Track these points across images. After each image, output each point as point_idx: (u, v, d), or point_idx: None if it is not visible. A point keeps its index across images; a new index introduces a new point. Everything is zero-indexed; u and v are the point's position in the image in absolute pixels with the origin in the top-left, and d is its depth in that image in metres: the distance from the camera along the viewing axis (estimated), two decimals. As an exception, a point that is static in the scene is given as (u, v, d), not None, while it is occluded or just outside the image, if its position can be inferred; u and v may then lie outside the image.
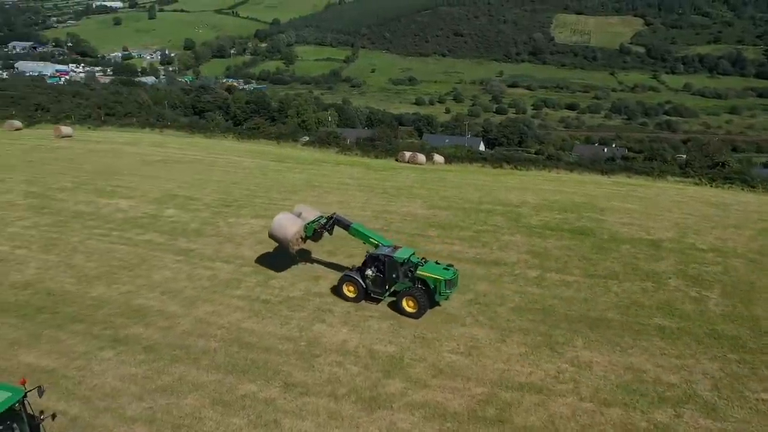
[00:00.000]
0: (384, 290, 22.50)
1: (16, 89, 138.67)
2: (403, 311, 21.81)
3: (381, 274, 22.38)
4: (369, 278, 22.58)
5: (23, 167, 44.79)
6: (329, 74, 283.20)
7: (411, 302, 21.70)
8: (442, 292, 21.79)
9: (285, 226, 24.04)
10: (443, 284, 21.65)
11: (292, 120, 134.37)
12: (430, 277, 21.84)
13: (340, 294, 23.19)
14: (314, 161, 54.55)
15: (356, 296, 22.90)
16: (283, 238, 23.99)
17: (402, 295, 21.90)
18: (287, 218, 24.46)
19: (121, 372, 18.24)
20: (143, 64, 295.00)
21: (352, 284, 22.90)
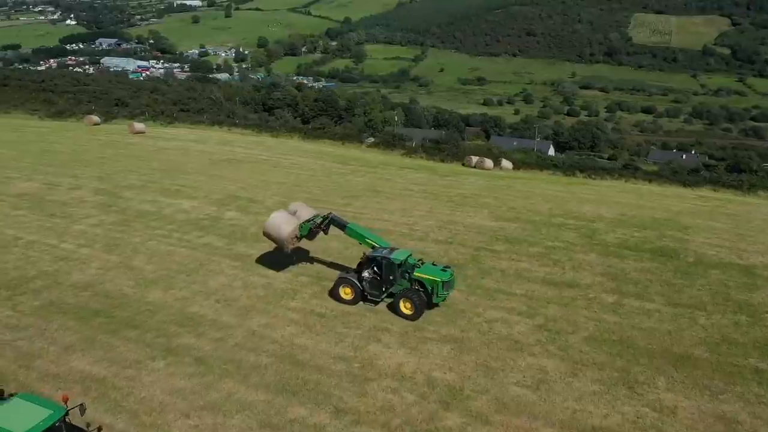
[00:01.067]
0: (381, 292, 22.24)
1: (98, 84, 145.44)
2: (400, 313, 21.66)
3: (378, 275, 22.15)
4: (366, 280, 22.30)
5: (96, 163, 45.95)
6: (397, 73, 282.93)
7: (408, 304, 21.53)
8: (440, 294, 21.81)
9: (280, 225, 23.52)
10: (441, 286, 21.66)
11: (359, 119, 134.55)
12: (427, 278, 21.77)
13: (336, 297, 22.74)
14: (378, 164, 53.54)
15: (353, 299, 22.53)
16: (278, 238, 23.55)
17: (399, 296, 21.73)
18: (282, 217, 23.89)
19: (170, 385, 17.66)
20: (218, 61, 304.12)
21: (349, 286, 22.53)
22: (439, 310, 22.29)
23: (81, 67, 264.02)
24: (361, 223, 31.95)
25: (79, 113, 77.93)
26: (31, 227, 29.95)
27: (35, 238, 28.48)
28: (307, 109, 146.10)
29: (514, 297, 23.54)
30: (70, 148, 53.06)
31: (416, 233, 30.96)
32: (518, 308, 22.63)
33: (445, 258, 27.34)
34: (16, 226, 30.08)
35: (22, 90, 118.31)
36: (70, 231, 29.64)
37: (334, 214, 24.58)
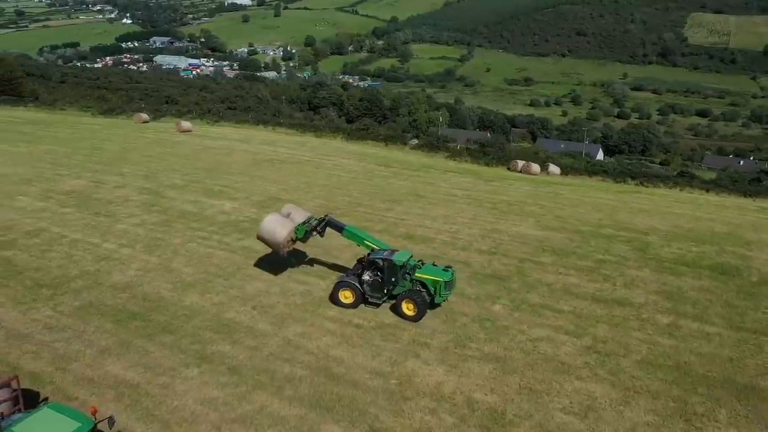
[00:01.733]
0: (383, 294, 22.00)
1: (150, 82, 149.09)
2: (402, 314, 21.51)
3: (379, 278, 21.87)
4: (367, 283, 22.01)
5: (143, 161, 46.55)
6: (443, 73, 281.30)
7: (410, 305, 21.38)
8: (442, 294, 21.70)
9: (275, 229, 22.88)
10: (443, 286, 21.54)
11: (403, 119, 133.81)
12: (429, 279, 21.64)
13: (336, 301, 22.23)
14: (421, 167, 52.67)
15: (353, 302, 22.18)
16: (274, 242, 22.92)
17: (401, 298, 21.53)
18: (277, 221, 23.23)
19: (203, 394, 17.27)
20: (266, 60, 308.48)
21: (349, 289, 22.15)
22: (481, 325, 21.36)
23: (135, 65, 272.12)
24: (401, 230, 31.46)
25: (130, 111, 79.70)
26: (77, 225, 30.27)
27: (79, 236, 28.74)
28: (352, 108, 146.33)
29: (560, 314, 22.36)
30: (118, 145, 54.03)
31: (459, 242, 29.98)
32: (565, 327, 21.45)
33: (489, 269, 26.36)
34: (62, 223, 30.45)
35: (78, 87, 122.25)
36: (113, 230, 29.82)
37: (330, 217, 24.25)
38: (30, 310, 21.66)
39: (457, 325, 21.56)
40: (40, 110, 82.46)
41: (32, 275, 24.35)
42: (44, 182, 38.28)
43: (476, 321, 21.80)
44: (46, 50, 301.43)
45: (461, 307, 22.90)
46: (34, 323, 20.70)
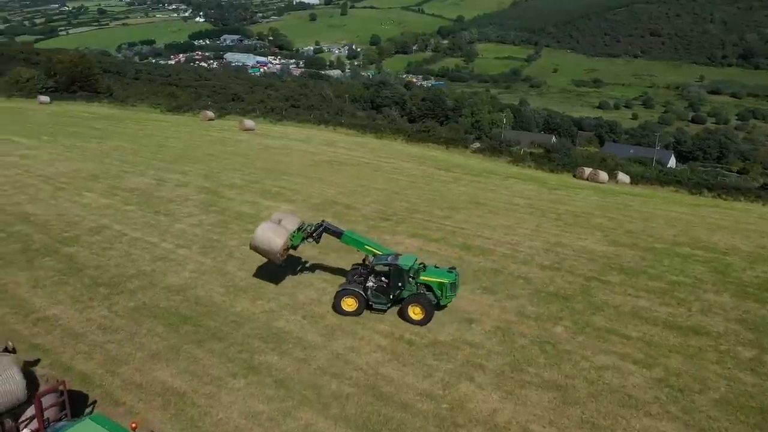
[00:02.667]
0: (389, 300, 21.50)
1: (218, 79, 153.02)
2: (409, 319, 21.14)
3: (385, 283, 21.38)
4: (371, 289, 21.48)
5: (205, 160, 47.24)
6: (508, 73, 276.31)
7: (417, 309, 21.06)
8: (448, 295, 21.55)
9: (270, 238, 21.90)
10: (449, 287, 21.42)
11: (466, 119, 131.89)
12: (435, 281, 21.44)
13: (338, 310, 21.64)
14: (482, 172, 51.22)
15: (356, 309, 21.56)
16: (270, 251, 21.93)
17: (407, 303, 21.16)
18: (271, 229, 22.26)
19: (248, 407, 16.79)
20: (331, 58, 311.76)
21: (353, 297, 21.49)
22: (541, 349, 20.06)
23: (206, 62, 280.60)
24: (459, 240, 30.33)
25: (197, 108, 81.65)
26: (137, 224, 30.71)
27: (139, 235, 29.10)
28: (415, 108, 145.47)
29: (629, 341, 20.73)
30: (183, 143, 55.20)
31: (520, 255, 28.59)
32: (633, 355, 19.84)
33: (551, 287, 24.91)
34: (124, 221, 30.97)
35: (151, 83, 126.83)
36: (172, 230, 30.07)
37: (327, 222, 23.52)
38: (86, 309, 21.86)
39: (515, 346, 20.34)
40: (113, 106, 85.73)
41: (91, 273, 24.68)
42: (110, 179, 39.29)
43: (536, 343, 20.51)
44: (124, 47, 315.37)
45: (520, 327, 21.65)
46: (89, 323, 20.83)
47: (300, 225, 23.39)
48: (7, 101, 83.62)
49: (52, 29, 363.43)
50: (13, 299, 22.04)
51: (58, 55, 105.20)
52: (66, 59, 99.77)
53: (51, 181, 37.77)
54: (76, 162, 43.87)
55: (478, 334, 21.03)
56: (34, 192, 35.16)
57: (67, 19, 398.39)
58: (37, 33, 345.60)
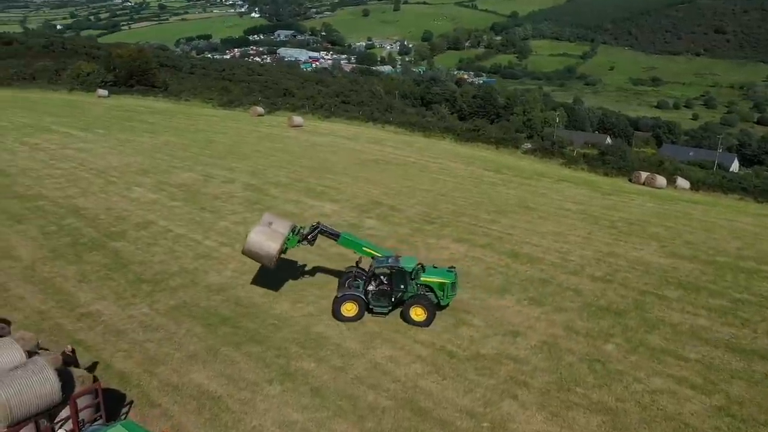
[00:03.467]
0: (390, 303, 21.15)
1: (270, 74, 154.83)
2: (411, 321, 20.88)
3: (387, 286, 21.00)
4: (372, 293, 21.04)
5: (252, 156, 47.49)
6: (563, 70, 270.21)
7: (419, 310, 20.81)
8: (449, 295, 21.51)
9: (265, 242, 20.82)
10: (450, 287, 21.36)
11: (518, 118, 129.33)
12: (436, 282, 21.31)
13: (338, 317, 21.06)
14: (533, 174, 49.71)
15: (356, 314, 21.07)
16: (266, 256, 20.83)
17: (408, 304, 20.88)
18: (265, 233, 21.21)
19: (282, 416, 16.39)
20: (383, 54, 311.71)
21: (352, 302, 20.99)
22: (590, 367, 18.99)
23: (260, 57, 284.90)
24: (506, 246, 29.30)
25: (248, 103, 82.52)
26: (182, 220, 30.92)
27: (183, 231, 29.27)
28: (465, 106, 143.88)
29: (686, 363, 19.38)
30: (231, 139, 55.72)
31: (570, 265, 27.36)
32: (691, 379, 18.50)
33: (602, 301, 23.67)
34: (169, 217, 31.24)
35: (205, 78, 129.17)
36: (216, 227, 30.13)
37: (323, 224, 22.65)
38: (129, 306, 21.97)
39: (562, 363, 19.30)
40: (168, 100, 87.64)
41: (135, 269, 24.86)
42: (159, 174, 39.85)
43: (584, 361, 19.41)
44: (182, 42, 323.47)
45: (568, 342, 20.57)
46: (131, 320, 20.90)
47: (292, 227, 22.53)
48: (68, 94, 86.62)
49: (115, 24, 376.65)
50: (60, 293, 22.36)
51: (117, 50, 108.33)
52: (125, 53, 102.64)
53: (103, 175, 38.59)
54: (127, 156, 44.78)
55: (523, 349, 20.09)
56: (86, 185, 35.94)
57: (129, 14, 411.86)
58: (101, 28, 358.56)
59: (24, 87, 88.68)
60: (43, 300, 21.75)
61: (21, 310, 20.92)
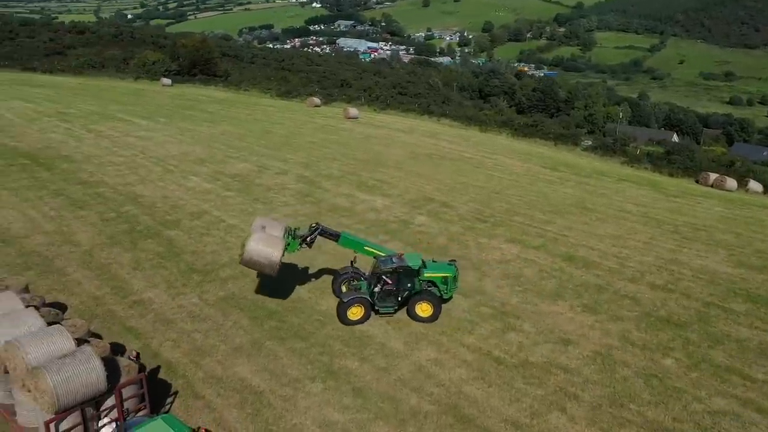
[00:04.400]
0: (396, 302, 20.84)
1: (328, 65, 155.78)
2: (418, 318, 20.76)
3: (392, 285, 20.56)
4: (378, 294, 20.56)
5: (306, 148, 47.69)
6: (629, 64, 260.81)
7: (424, 306, 20.72)
8: (451, 288, 21.52)
9: (265, 250, 19.47)
10: (452, 281, 21.37)
11: (579, 112, 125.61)
12: (439, 276, 21.23)
13: (345, 321, 20.40)
14: (592, 172, 47.95)
15: (363, 317, 20.55)
16: (269, 264, 19.45)
17: (413, 301, 20.69)
18: (264, 239, 19.84)
19: (323, 415, 16.23)
20: (442, 45, 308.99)
21: (359, 305, 20.42)
22: (647, 383, 18.03)
23: (319, 47, 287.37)
24: (561, 249, 28.28)
25: (305, 94, 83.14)
26: (235, 210, 31.25)
27: (235, 222, 29.55)
28: (524, 99, 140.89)
29: (753, 384, 18.09)
30: (287, 130, 56.17)
31: (628, 271, 26.12)
32: (758, 402, 17.26)
33: (662, 311, 22.48)
34: (223, 207, 31.64)
35: (265, 68, 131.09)
36: (267, 219, 30.26)
37: (323, 225, 21.83)
38: (179, 295, 22.29)
39: (616, 377, 18.38)
40: (228, 90, 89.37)
41: (187, 258, 25.24)
42: (215, 164, 40.49)
43: (640, 376, 18.43)
44: (244, 31, 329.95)
45: (623, 354, 19.58)
46: (180, 310, 21.17)
47: (288, 230, 21.47)
48: (134, 83, 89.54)
49: (182, 14, 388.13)
50: (115, 279, 22.91)
51: (182, 39, 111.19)
52: (189, 43, 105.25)
53: (161, 163, 39.52)
54: (186, 145, 45.75)
55: (575, 359, 19.25)
56: (145, 173, 36.87)
57: (195, 3, 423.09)
58: (169, 17, 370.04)
59: (93, 75, 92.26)
60: (98, 286, 22.33)
61: (77, 295, 21.54)
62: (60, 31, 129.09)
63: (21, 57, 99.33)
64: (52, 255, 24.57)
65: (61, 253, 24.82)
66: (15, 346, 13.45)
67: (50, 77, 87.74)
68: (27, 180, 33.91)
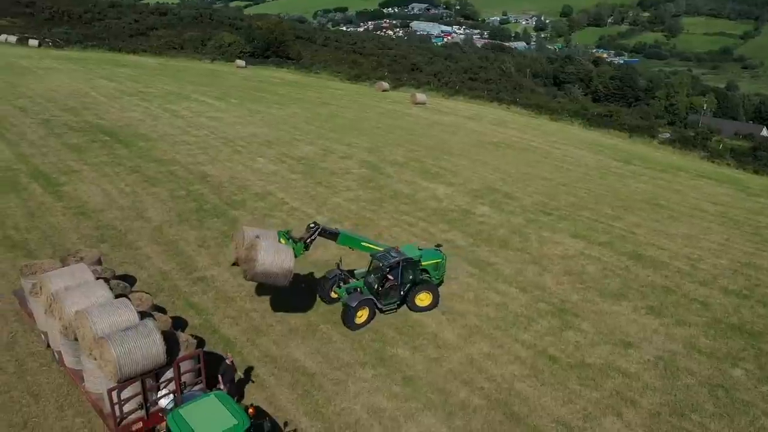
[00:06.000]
0: (399, 296, 20.42)
1: (400, 48, 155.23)
2: (417, 308, 20.65)
3: (395, 280, 20.09)
4: (382, 292, 20.00)
5: (371, 133, 47.77)
6: (718, 51, 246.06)
7: (423, 295, 20.64)
8: (442, 274, 21.74)
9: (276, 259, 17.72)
10: (443, 266, 21.61)
11: (659, 102, 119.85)
12: (431, 263, 21.22)
13: (352, 326, 19.50)
14: (668, 167, 45.66)
15: (368, 319, 19.86)
16: (282, 274, 17.86)
17: (413, 293, 20.41)
18: (272, 248, 17.98)
19: (372, 401, 16.39)
20: (517, 29, 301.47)
21: (365, 307, 19.69)
22: (711, 393, 17.24)
23: (392, 30, 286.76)
24: (628, 247, 27.29)
25: (374, 78, 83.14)
26: (298, 193, 31.75)
27: (297, 205, 30.05)
28: (601, 87, 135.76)
29: (831, 403, 16.87)
30: (354, 114, 56.40)
31: (699, 273, 24.81)
32: (835, 423, 16.09)
33: (734, 318, 21.30)
34: (287, 189, 32.21)
35: (337, 51, 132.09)
36: (329, 203, 30.62)
37: (322, 225, 20.19)
38: (240, 274, 22.87)
39: (678, 384, 17.59)
40: (299, 72, 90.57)
41: (250, 239, 25.89)
42: (282, 146, 41.23)
43: (705, 385, 17.56)
44: (319, 14, 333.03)
45: (687, 361, 18.69)
46: (240, 288, 21.77)
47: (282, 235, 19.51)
48: (210, 64, 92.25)
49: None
50: (181, 256, 23.84)
51: (258, 21, 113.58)
52: (264, 25, 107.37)
53: (231, 144, 40.63)
54: (255, 126, 46.80)
55: (635, 363, 18.53)
56: (215, 153, 38.02)
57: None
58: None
59: (173, 56, 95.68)
60: (165, 261, 23.30)
61: (146, 269, 22.57)
62: (144, 13, 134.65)
63: (108, 37, 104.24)
64: (125, 229, 25.83)
65: (133, 228, 26.04)
66: (84, 316, 14.21)
67: (133, 57, 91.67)
68: (106, 156, 35.70)
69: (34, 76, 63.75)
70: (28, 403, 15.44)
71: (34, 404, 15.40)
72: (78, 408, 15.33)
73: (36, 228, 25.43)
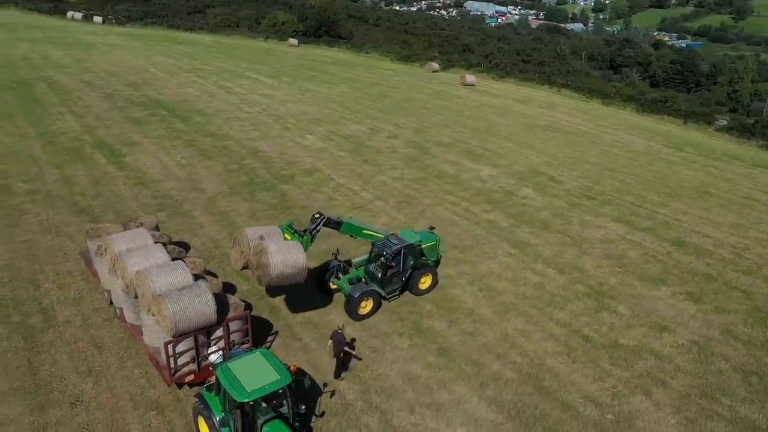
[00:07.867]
0: (401, 282, 20.46)
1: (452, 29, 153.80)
2: (419, 291, 20.84)
3: (397, 267, 20.05)
4: (385, 279, 19.94)
5: (419, 113, 48.18)
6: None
7: (423, 278, 20.83)
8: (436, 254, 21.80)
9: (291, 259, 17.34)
10: (438, 247, 21.86)
11: (722, 89, 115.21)
12: (428, 246, 21.23)
13: (356, 317, 19.35)
14: (722, 155, 44.46)
15: (373, 308, 19.76)
16: (298, 273, 17.48)
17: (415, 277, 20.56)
18: (285, 249, 17.45)
19: (407, 369, 17.23)
20: (575, 10, 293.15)
21: (369, 298, 19.58)
22: (744, 378, 17.40)
23: (446, 10, 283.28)
24: (671, 233, 27.22)
25: (425, 58, 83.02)
26: (345, 170, 32.65)
27: (344, 182, 30.96)
28: (660, 71, 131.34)
29: None
30: (402, 94, 56.79)
31: (744, 262, 24.53)
32: None
33: (776, 308, 21.06)
34: (334, 166, 33.16)
35: (388, 31, 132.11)
36: (374, 180, 31.41)
37: (327, 214, 19.66)
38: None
39: (711, 369, 17.77)
40: (350, 52, 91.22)
41: (297, 212, 26.96)
42: (331, 124, 42.18)
43: (739, 371, 17.68)
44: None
45: (723, 347, 18.78)
46: (287, 259, 22.80)
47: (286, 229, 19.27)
48: (264, 43, 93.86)
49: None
50: (232, 227, 25.08)
51: (311, 0, 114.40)
52: (317, 3, 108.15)
53: (281, 121, 41.83)
54: (305, 104, 47.89)
55: (669, 346, 18.75)
56: (266, 130, 39.28)
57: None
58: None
59: (228, 34, 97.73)
60: (218, 230, 24.62)
61: (199, 237, 23.94)
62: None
63: (167, 15, 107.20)
64: (181, 199, 27.32)
65: (189, 198, 27.50)
66: (144, 276, 15.46)
67: (190, 35, 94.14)
68: (165, 130, 37.42)
69: (99, 51, 66.63)
70: (92, 353, 16.90)
71: (98, 355, 16.85)
72: (137, 360, 16.70)
73: (100, 195, 27.20)
